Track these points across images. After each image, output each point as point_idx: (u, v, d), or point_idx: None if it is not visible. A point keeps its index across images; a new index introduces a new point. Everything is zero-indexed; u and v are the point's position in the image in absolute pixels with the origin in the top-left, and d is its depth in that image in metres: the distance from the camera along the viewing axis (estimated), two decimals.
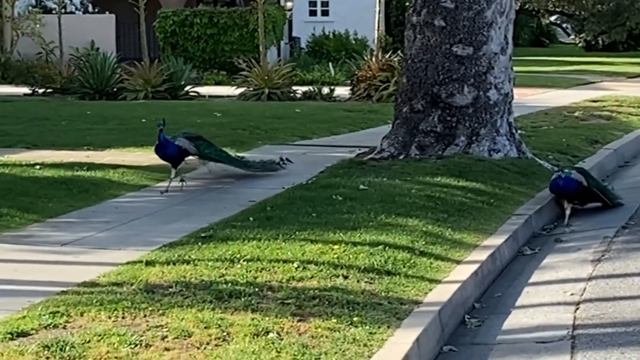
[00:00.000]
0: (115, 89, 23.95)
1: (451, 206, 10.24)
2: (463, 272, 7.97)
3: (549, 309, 7.55)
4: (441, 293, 7.35)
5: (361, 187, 10.93)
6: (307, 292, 7.01)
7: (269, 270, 7.54)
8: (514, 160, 12.91)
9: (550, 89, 26.98)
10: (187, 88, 24.61)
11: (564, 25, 58.76)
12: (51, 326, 6.20)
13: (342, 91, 24.10)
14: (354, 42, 33.50)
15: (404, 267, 7.84)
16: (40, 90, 25.37)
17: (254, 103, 22.52)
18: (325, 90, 24.06)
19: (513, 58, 13.72)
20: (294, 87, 24.27)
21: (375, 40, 25.77)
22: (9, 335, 5.98)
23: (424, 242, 8.62)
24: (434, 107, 13.20)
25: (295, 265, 7.63)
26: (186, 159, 11.76)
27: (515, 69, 14.19)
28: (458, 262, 8.29)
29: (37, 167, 12.25)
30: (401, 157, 13.07)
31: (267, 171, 12.26)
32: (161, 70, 24.15)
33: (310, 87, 24.52)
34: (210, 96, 24.61)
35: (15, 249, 8.56)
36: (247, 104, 22.08)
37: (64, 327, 6.19)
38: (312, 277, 7.39)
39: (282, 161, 12.42)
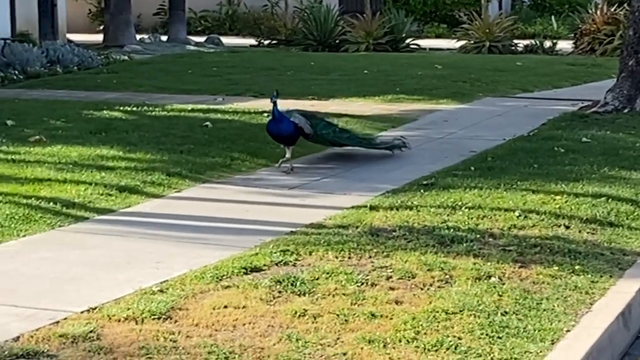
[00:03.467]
0: (337, 41, 24.37)
1: None
2: None
3: None
4: None
5: (584, 139, 10.86)
6: (528, 240, 7.09)
7: (490, 218, 7.65)
8: None
9: None
10: (407, 40, 24.79)
11: None
12: (282, 263, 6.50)
13: (565, 45, 23.78)
14: None
15: (627, 219, 7.80)
16: (266, 42, 26.06)
17: (474, 56, 22.47)
18: (547, 43, 23.79)
19: None
20: (515, 41, 24.10)
21: None
22: (244, 270, 6.33)
23: None
24: None
25: (517, 213, 7.72)
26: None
27: None
28: None
29: (265, 114, 12.67)
30: (625, 110, 12.88)
31: (393, 148, 10.66)
32: (382, 23, 24.39)
33: (532, 41, 24.28)
34: (430, 49, 24.72)
35: (246, 191, 8.96)
36: (468, 57, 22.06)
37: (294, 265, 6.49)
38: (533, 225, 7.47)
39: (403, 143, 10.72)
